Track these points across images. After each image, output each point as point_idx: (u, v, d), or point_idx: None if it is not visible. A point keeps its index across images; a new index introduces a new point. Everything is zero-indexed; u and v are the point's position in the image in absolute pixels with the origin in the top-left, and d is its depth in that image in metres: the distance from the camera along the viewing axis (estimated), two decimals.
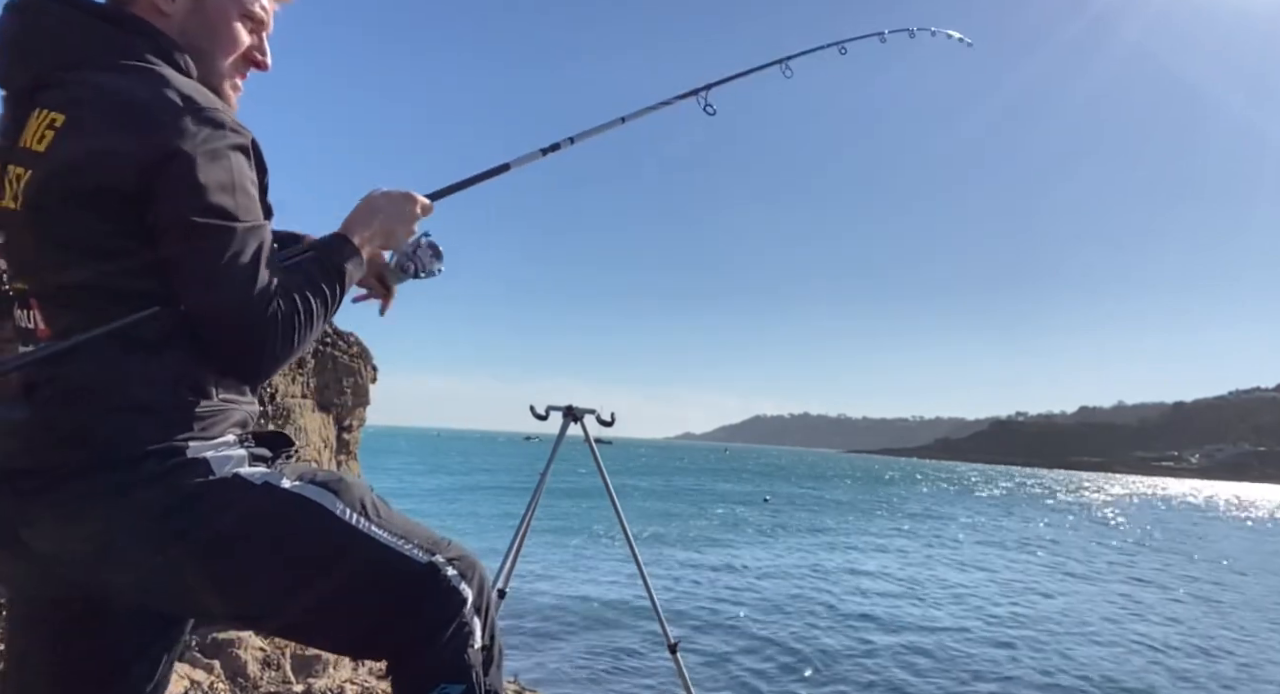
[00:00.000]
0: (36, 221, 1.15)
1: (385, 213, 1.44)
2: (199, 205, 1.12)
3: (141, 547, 1.14)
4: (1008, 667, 9.35)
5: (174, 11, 1.25)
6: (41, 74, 1.19)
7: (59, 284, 1.16)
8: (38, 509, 1.14)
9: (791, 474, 79.22)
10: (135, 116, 1.12)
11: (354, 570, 1.21)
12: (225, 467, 1.17)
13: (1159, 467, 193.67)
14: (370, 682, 4.58)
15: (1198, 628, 12.36)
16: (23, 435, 1.16)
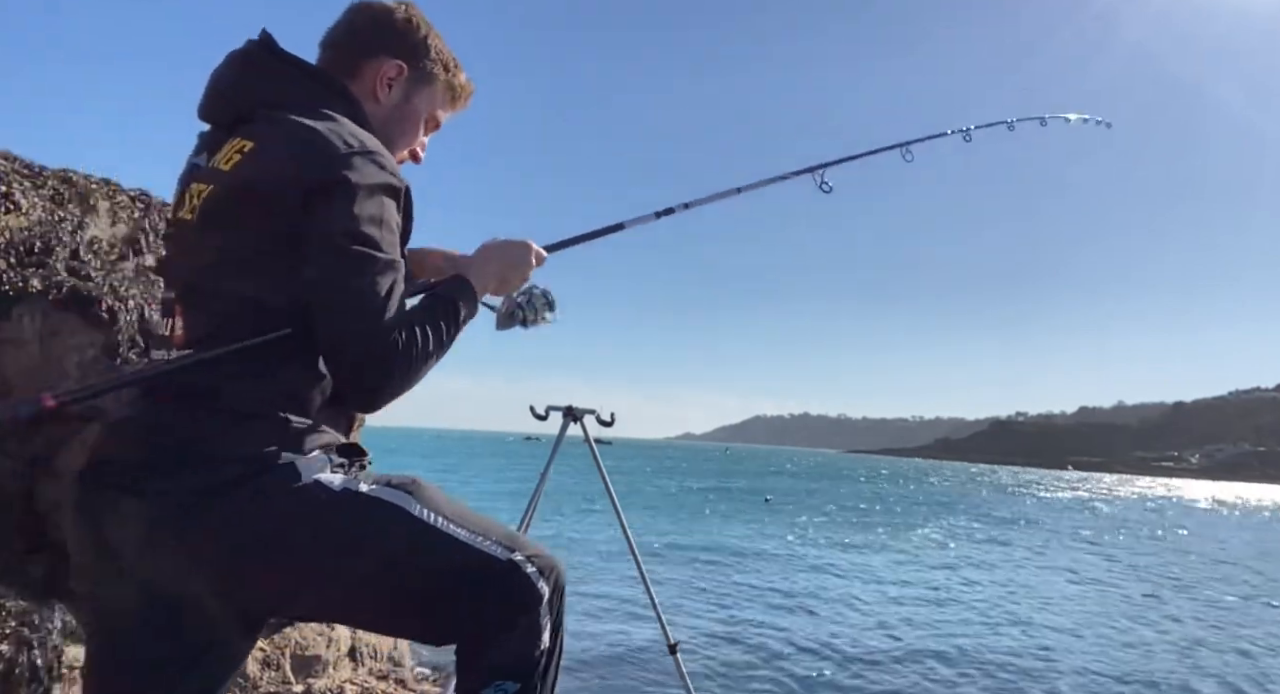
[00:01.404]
0: (204, 233, 1.28)
1: (502, 260, 1.54)
2: (351, 232, 1.22)
3: (220, 545, 1.20)
4: (1017, 670, 9.34)
5: (385, 101, 1.47)
6: (244, 111, 1.35)
7: (208, 292, 1.27)
8: (123, 500, 1.21)
9: (792, 474, 79.18)
10: (311, 146, 1.25)
11: (434, 567, 1.28)
12: (309, 472, 1.24)
13: (1159, 467, 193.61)
14: (370, 682, 4.57)
15: (1226, 628, 12.34)
16: (129, 430, 1.27)
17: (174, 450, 1.21)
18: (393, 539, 1.27)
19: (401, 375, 1.26)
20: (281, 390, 1.25)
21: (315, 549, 1.23)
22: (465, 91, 1.56)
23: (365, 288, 1.22)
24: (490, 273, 1.51)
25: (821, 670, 8.90)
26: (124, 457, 1.25)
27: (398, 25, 1.48)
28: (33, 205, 4.45)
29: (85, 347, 4.04)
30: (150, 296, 4.46)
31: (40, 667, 2.74)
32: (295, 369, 1.26)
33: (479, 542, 1.31)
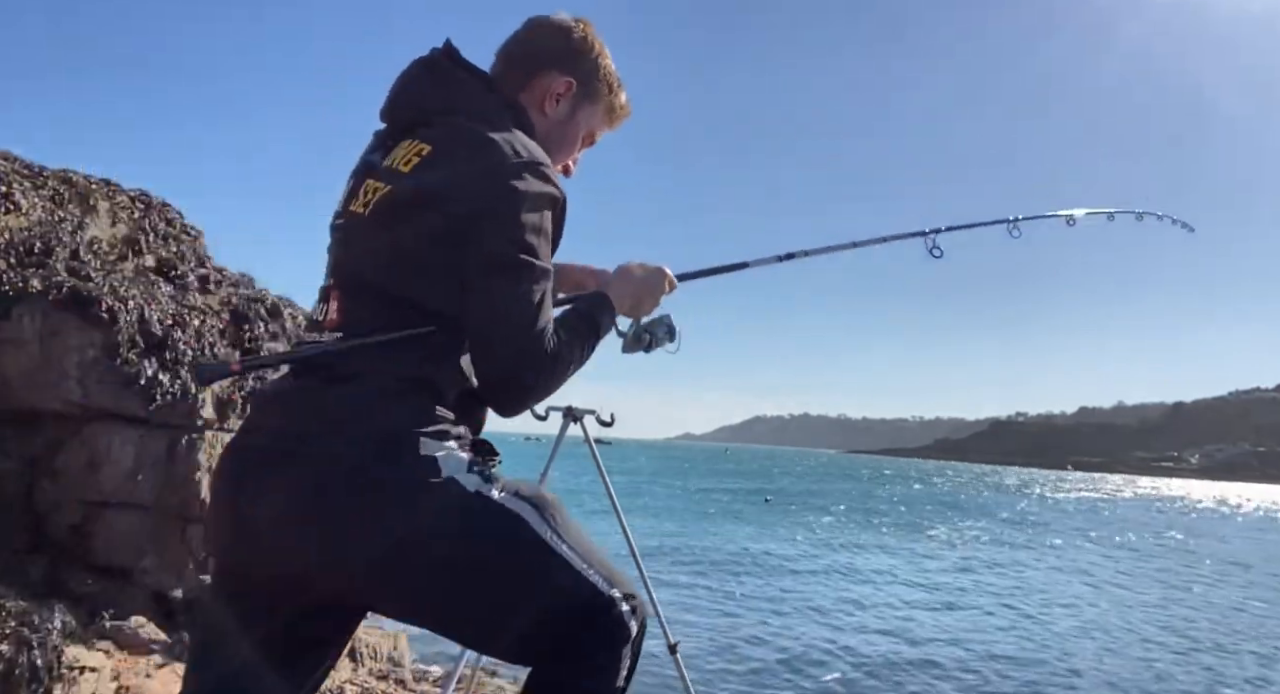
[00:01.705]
0: (375, 229, 1.33)
1: (640, 284, 1.59)
2: (515, 240, 1.27)
3: (343, 525, 1.22)
4: (1023, 673, 9.34)
5: (551, 114, 1.52)
6: (424, 114, 1.41)
7: (368, 284, 1.33)
8: (264, 473, 1.26)
9: (792, 474, 79.21)
10: (485, 154, 1.30)
11: (540, 587, 1.28)
12: (446, 466, 1.25)
13: (1159, 467, 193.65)
14: (370, 682, 4.57)
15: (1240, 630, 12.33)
16: (278, 405, 1.34)
17: (318, 428, 1.25)
18: (509, 551, 1.28)
19: (545, 383, 1.33)
20: (425, 383, 1.29)
21: (432, 545, 1.24)
22: (624, 112, 1.63)
23: (522, 296, 1.27)
24: (628, 294, 1.57)
25: (821, 670, 8.90)
26: (270, 430, 1.30)
27: (574, 43, 1.54)
28: (33, 205, 4.45)
29: (85, 346, 4.04)
30: (150, 296, 4.46)
31: (40, 667, 2.74)
32: (441, 365, 1.30)
33: (588, 570, 1.30)
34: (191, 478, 4.28)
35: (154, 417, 4.23)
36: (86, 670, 2.92)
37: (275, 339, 5.05)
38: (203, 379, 1.25)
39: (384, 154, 1.40)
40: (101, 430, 4.13)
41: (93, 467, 4.08)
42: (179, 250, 5.39)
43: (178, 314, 4.49)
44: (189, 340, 4.42)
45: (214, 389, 4.50)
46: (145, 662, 3.53)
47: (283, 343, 5.13)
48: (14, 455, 4.11)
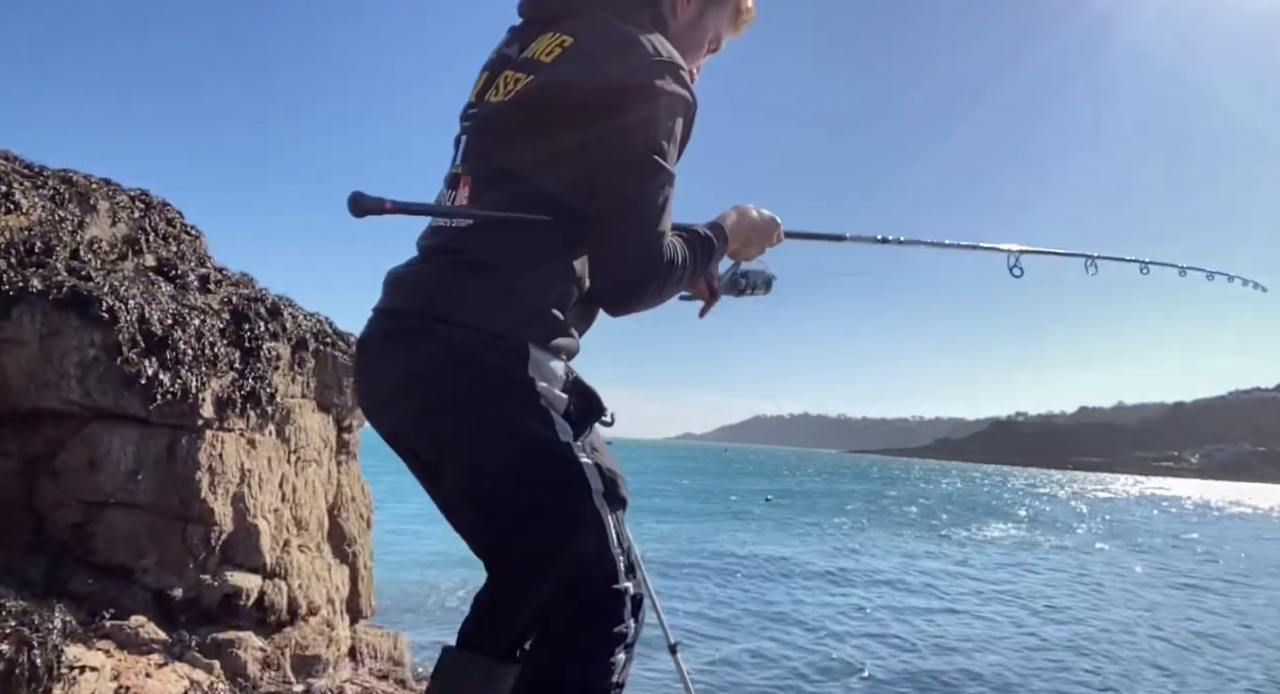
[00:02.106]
0: (515, 116, 1.35)
1: (753, 228, 1.59)
2: (648, 139, 1.29)
3: (439, 406, 1.29)
4: (1027, 674, 9.34)
5: (682, 16, 1.52)
6: (566, 6, 1.42)
7: (502, 169, 1.34)
8: (389, 347, 1.34)
9: (792, 474, 79.20)
10: (631, 53, 1.32)
11: (573, 545, 1.28)
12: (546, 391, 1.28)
13: (1159, 467, 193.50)
14: (370, 681, 4.57)
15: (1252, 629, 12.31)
16: (408, 284, 1.36)
17: (440, 310, 1.28)
18: (562, 502, 1.29)
19: (658, 282, 1.34)
20: (548, 276, 1.30)
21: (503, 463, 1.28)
22: (748, 16, 1.63)
23: (649, 194, 1.30)
24: (741, 233, 1.56)
25: (821, 668, 8.90)
26: (397, 309, 1.35)
27: None
28: (33, 205, 4.45)
29: (85, 346, 4.04)
30: (150, 296, 4.46)
31: (40, 666, 2.73)
32: (568, 262, 1.32)
33: (618, 556, 1.31)
34: (191, 477, 4.28)
35: (154, 416, 4.23)
36: (87, 670, 2.92)
37: (275, 338, 5.05)
38: (360, 209, 1.21)
39: (521, 47, 1.42)
40: (102, 430, 4.13)
41: (93, 466, 4.08)
42: (179, 250, 5.39)
43: (178, 314, 4.49)
44: (189, 340, 4.42)
45: (214, 388, 4.50)
46: (145, 661, 3.53)
47: (283, 342, 5.13)
48: (14, 455, 4.10)
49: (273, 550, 4.69)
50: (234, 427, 4.67)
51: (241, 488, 4.55)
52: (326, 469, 5.59)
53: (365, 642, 5.47)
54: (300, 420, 5.24)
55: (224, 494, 4.44)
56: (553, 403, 1.29)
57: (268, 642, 4.36)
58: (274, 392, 4.94)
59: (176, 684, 3.44)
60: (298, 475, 5.16)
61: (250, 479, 4.62)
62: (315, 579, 5.04)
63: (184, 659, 3.74)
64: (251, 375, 4.75)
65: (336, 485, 5.73)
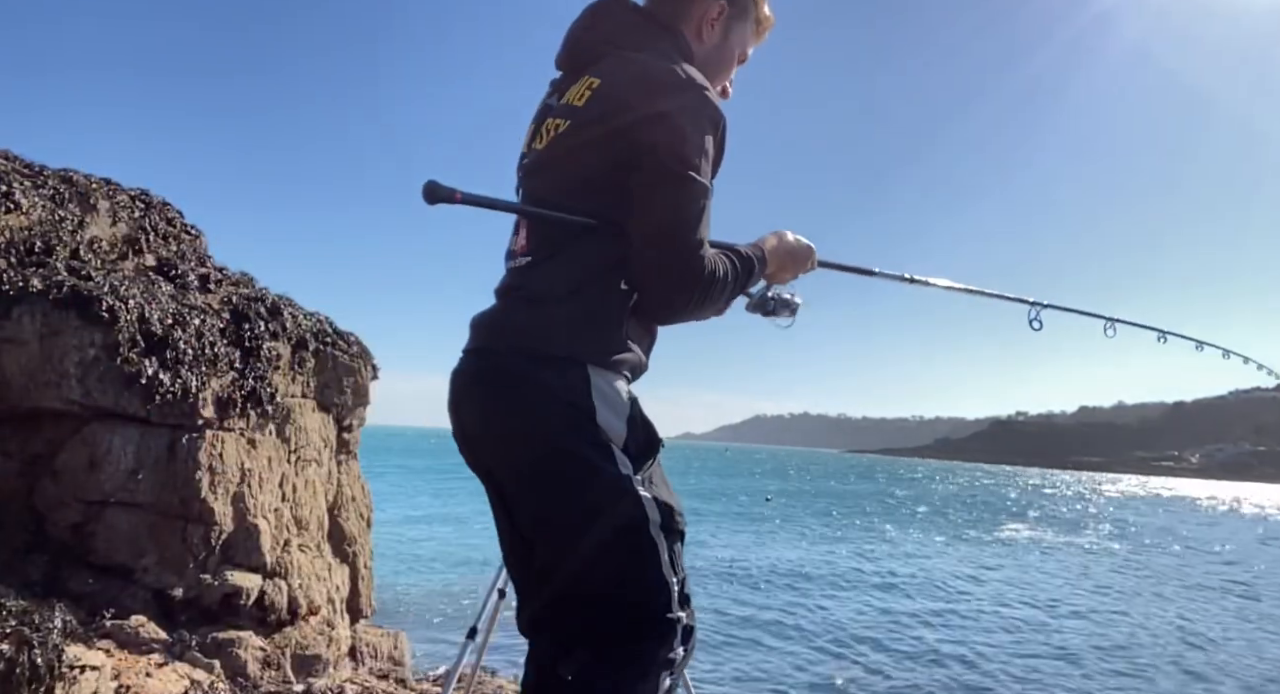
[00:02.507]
0: (555, 157, 1.46)
1: (789, 254, 1.66)
2: (677, 156, 1.36)
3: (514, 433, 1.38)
4: (1029, 672, 9.34)
5: (708, 40, 1.60)
6: (593, 52, 1.52)
7: (551, 206, 1.42)
8: (474, 381, 1.45)
9: (792, 474, 79.19)
10: (649, 82, 1.40)
11: (631, 576, 1.35)
12: (607, 422, 1.35)
13: (1159, 466, 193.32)
14: (370, 681, 4.57)
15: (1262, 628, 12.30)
16: (486, 324, 1.48)
17: (507, 346, 1.40)
18: (616, 537, 1.33)
19: (698, 293, 1.40)
20: (598, 297, 1.39)
21: (554, 482, 1.34)
22: (768, 24, 1.69)
23: (682, 205, 1.36)
24: (777, 259, 1.63)
25: (820, 667, 8.90)
26: (475, 348, 1.47)
27: None
28: (33, 205, 4.45)
29: (86, 346, 4.04)
30: (150, 296, 4.46)
31: (41, 665, 2.74)
32: (614, 281, 1.40)
33: (672, 586, 1.36)
34: (192, 477, 4.28)
35: (154, 416, 4.23)
36: (87, 669, 2.92)
37: (275, 338, 5.05)
38: (433, 197, 1.29)
39: (560, 95, 1.53)
40: (102, 429, 4.13)
41: (93, 466, 4.08)
42: (179, 250, 5.39)
43: (178, 313, 4.49)
44: (189, 339, 4.42)
45: (214, 388, 4.50)
46: (145, 660, 3.53)
47: (283, 342, 5.13)
48: (14, 455, 4.11)
49: (273, 550, 4.69)
50: (234, 426, 4.67)
51: (241, 487, 4.55)
52: (326, 469, 5.59)
53: (365, 641, 5.47)
54: (300, 420, 5.24)
55: (224, 494, 4.44)
56: (613, 437, 1.36)
57: (268, 641, 4.36)
58: (274, 391, 4.94)
59: (177, 684, 3.44)
60: (298, 475, 5.16)
61: (250, 479, 4.62)
62: (315, 579, 5.04)
63: (184, 659, 3.74)
64: (251, 375, 4.75)
65: (336, 485, 5.73)
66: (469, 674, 3.80)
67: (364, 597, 5.79)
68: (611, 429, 1.36)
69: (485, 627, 3.00)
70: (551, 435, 1.34)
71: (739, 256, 1.50)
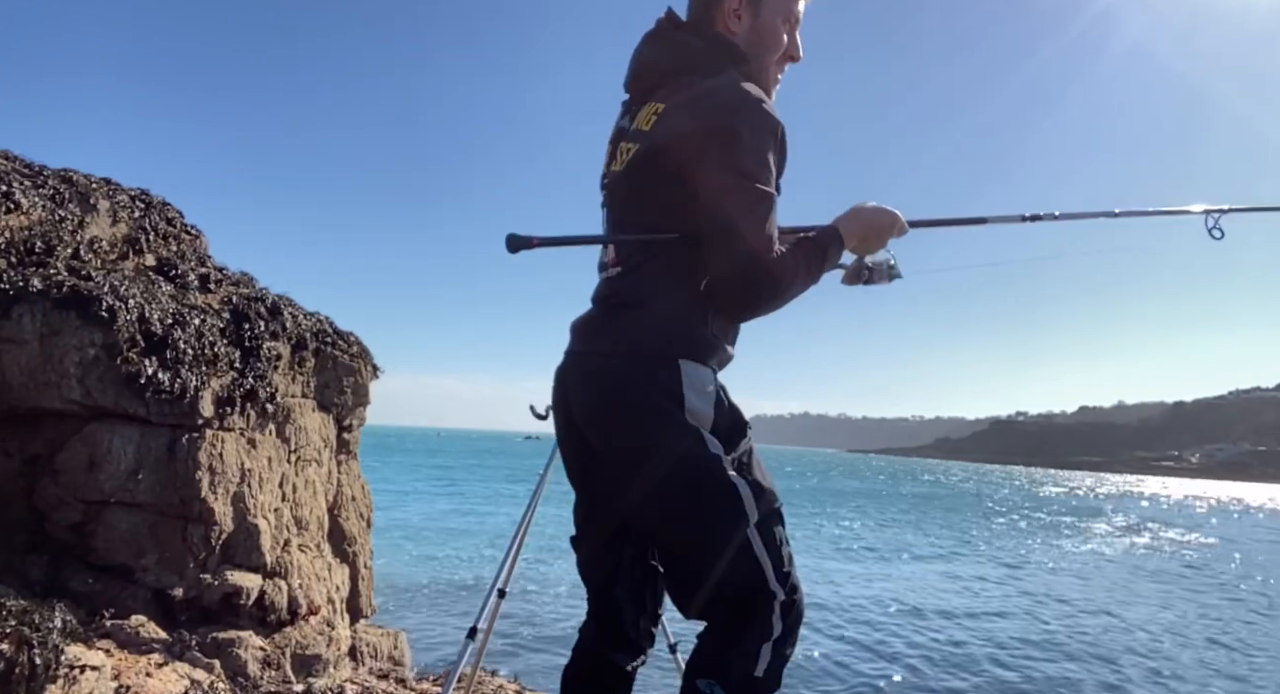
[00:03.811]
0: (629, 180, 1.61)
1: (869, 224, 1.71)
2: (737, 166, 1.47)
3: (617, 426, 1.53)
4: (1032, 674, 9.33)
5: (739, 29, 1.68)
6: (656, 78, 1.65)
7: (631, 225, 1.59)
8: (571, 383, 1.62)
9: (792, 474, 79.15)
10: (709, 105, 1.52)
11: (722, 556, 1.46)
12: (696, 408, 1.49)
13: (1159, 466, 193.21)
14: (370, 681, 4.57)
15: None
16: (581, 328, 1.66)
17: (609, 349, 1.56)
18: (716, 518, 1.47)
19: (773, 288, 1.51)
20: (682, 300, 1.53)
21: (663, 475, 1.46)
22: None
23: (746, 210, 1.47)
24: (856, 231, 1.69)
25: (819, 665, 8.90)
26: (576, 352, 1.64)
27: None
28: (33, 205, 4.45)
29: (86, 346, 4.03)
30: (150, 296, 4.46)
31: (40, 665, 2.73)
32: (695, 284, 1.53)
33: (767, 565, 1.48)
34: (192, 476, 4.28)
35: (154, 415, 4.23)
36: (87, 669, 2.92)
37: (275, 338, 5.05)
38: (514, 246, 1.46)
39: (630, 119, 1.66)
40: (102, 429, 4.13)
41: (93, 465, 4.08)
42: (179, 249, 5.39)
43: (178, 313, 4.49)
44: (189, 339, 4.42)
45: (214, 388, 4.50)
46: (145, 661, 3.53)
47: (283, 342, 5.13)
48: (14, 454, 4.11)
49: (273, 550, 4.69)
50: (234, 426, 4.67)
51: (241, 487, 4.56)
52: (327, 469, 5.59)
53: (365, 641, 5.47)
54: (300, 420, 5.24)
55: (224, 494, 4.44)
56: (702, 422, 1.49)
57: (268, 641, 4.36)
58: (274, 391, 4.93)
59: (177, 684, 3.44)
60: (298, 475, 5.16)
61: (250, 479, 4.62)
62: (315, 579, 5.04)
63: (184, 659, 3.74)
64: (251, 375, 4.75)
65: (337, 485, 5.73)
66: (469, 674, 3.80)
67: (364, 596, 5.79)
68: (701, 415, 1.49)
69: (485, 627, 2.99)
70: (650, 428, 1.48)
71: (811, 245, 1.60)
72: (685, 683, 1.51)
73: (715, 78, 1.56)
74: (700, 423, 1.49)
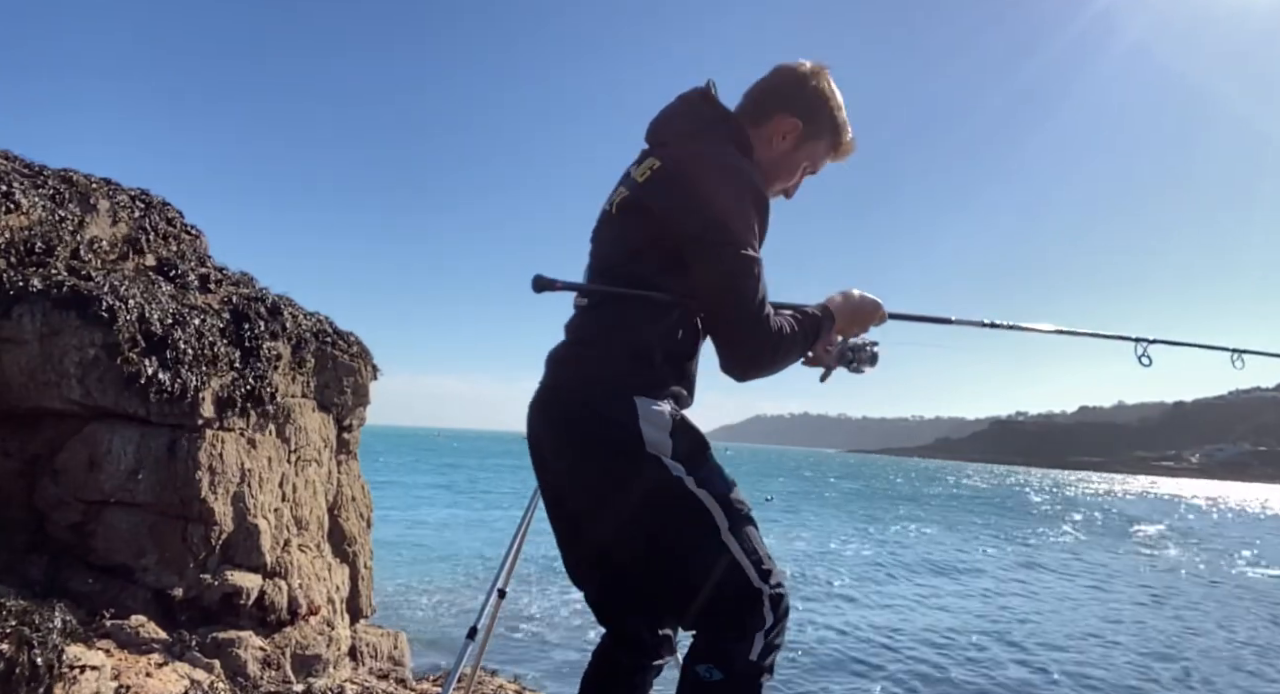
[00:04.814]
0: (616, 225, 1.69)
1: (858, 311, 1.84)
2: (727, 236, 1.55)
3: (578, 454, 1.60)
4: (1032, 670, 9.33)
5: (777, 148, 1.78)
6: (667, 136, 1.74)
7: (608, 265, 1.68)
8: (540, 415, 1.69)
9: (792, 474, 79.15)
10: (700, 167, 1.60)
11: (705, 571, 1.53)
12: (653, 438, 1.54)
13: (1159, 466, 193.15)
14: (370, 681, 4.57)
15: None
16: (554, 363, 1.71)
17: (571, 379, 1.65)
18: (688, 536, 1.55)
19: (770, 356, 1.62)
20: (646, 347, 1.59)
21: (631, 501, 1.54)
22: (848, 149, 1.88)
23: (738, 276, 1.55)
24: (846, 315, 1.82)
25: (818, 664, 8.90)
26: (545, 384, 1.70)
27: (808, 92, 1.79)
28: (33, 205, 4.45)
29: (86, 346, 4.04)
30: (150, 296, 4.46)
31: (41, 665, 2.73)
32: (654, 328, 1.60)
33: (747, 564, 1.54)
34: (192, 476, 4.28)
35: (154, 415, 4.23)
36: (87, 669, 2.92)
37: (275, 338, 5.05)
38: (540, 287, 1.58)
39: (636, 166, 1.73)
40: (102, 429, 4.13)
41: (93, 465, 4.08)
42: (179, 249, 5.39)
43: (178, 313, 4.49)
44: (189, 339, 4.42)
45: (214, 388, 4.50)
46: (145, 661, 3.53)
47: (283, 342, 5.13)
48: (14, 454, 4.11)
49: (273, 550, 4.69)
50: (234, 426, 4.67)
51: (242, 487, 4.56)
52: (327, 469, 5.59)
53: (365, 641, 5.47)
54: (300, 420, 5.24)
55: (224, 494, 4.44)
56: (660, 449, 1.55)
57: (268, 641, 4.36)
58: (274, 391, 4.94)
59: (177, 684, 3.44)
60: (298, 475, 5.17)
61: (250, 479, 4.62)
62: (315, 579, 5.04)
63: (184, 659, 3.74)
64: (252, 375, 4.75)
65: (336, 485, 5.73)
66: (469, 674, 3.80)
67: (364, 596, 5.79)
68: (659, 445, 1.54)
69: (485, 626, 2.99)
70: (611, 462, 1.56)
71: (804, 316, 1.70)
72: (684, 669, 1.57)
73: (715, 147, 1.65)
74: (660, 452, 1.54)
